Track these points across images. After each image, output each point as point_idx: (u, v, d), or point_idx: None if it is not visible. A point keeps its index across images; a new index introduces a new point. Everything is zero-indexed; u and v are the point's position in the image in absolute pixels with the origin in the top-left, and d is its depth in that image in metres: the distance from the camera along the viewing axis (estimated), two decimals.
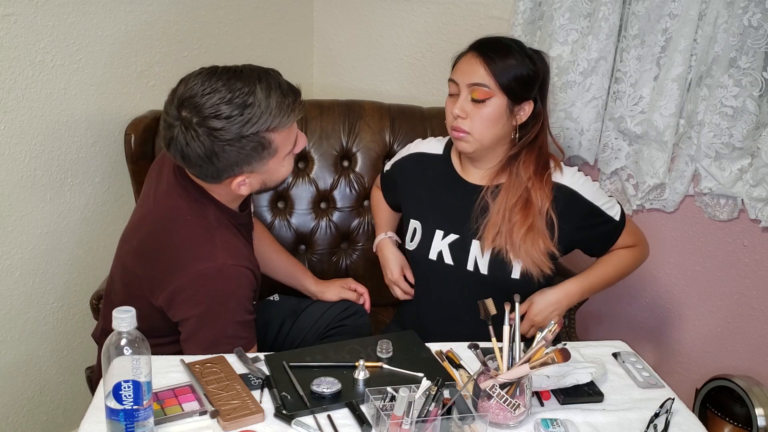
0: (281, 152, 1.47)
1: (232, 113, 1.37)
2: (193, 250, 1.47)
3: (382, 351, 1.48)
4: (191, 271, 1.45)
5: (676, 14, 1.91)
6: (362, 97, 2.31)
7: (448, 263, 1.72)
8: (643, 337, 2.28)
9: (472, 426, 1.26)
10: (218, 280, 1.45)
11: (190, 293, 1.46)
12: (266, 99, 1.39)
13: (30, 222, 1.90)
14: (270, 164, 1.48)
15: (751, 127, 1.86)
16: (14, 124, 1.81)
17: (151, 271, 1.50)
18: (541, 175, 1.66)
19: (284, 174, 1.53)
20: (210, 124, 1.38)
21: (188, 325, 1.51)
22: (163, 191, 1.56)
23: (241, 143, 1.40)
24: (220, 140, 1.38)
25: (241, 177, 1.47)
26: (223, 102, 1.37)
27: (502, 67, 1.61)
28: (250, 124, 1.39)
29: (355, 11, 2.60)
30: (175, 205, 1.52)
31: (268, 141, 1.43)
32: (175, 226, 1.50)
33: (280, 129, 1.43)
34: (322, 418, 1.31)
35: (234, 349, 1.47)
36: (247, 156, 1.42)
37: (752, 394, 1.89)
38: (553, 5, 2.07)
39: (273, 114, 1.40)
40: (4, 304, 1.89)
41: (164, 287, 1.47)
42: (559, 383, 1.39)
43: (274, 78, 1.44)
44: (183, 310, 1.49)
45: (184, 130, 1.39)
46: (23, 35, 1.78)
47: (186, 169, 1.50)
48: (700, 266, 2.12)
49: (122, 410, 1.14)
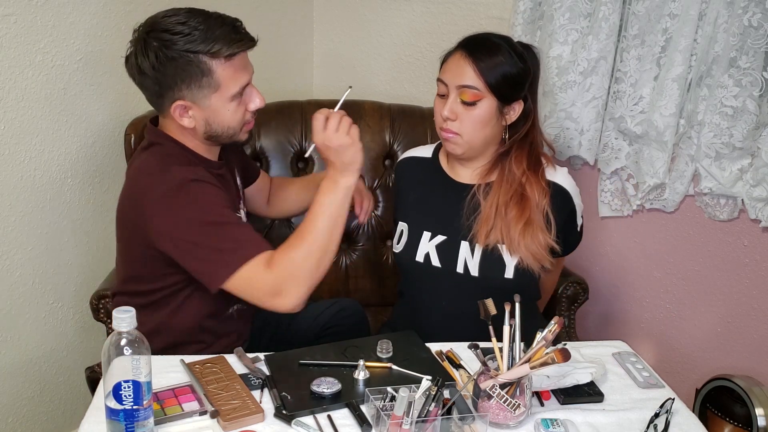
0: (224, 90, 1.51)
1: (182, 30, 1.47)
2: (160, 178, 1.50)
3: (382, 351, 1.48)
4: (160, 192, 1.48)
5: (676, 14, 1.91)
6: (362, 97, 2.31)
7: (435, 265, 1.69)
8: (643, 337, 2.28)
9: (472, 426, 1.26)
10: (190, 191, 1.47)
11: (170, 217, 1.47)
12: (217, 28, 1.48)
13: (30, 222, 1.91)
14: (212, 100, 1.51)
15: (751, 127, 1.86)
16: (15, 125, 1.81)
17: (132, 222, 1.54)
18: (534, 171, 1.65)
19: (229, 120, 1.56)
20: (159, 36, 1.47)
21: (192, 259, 1.48)
22: (131, 163, 1.66)
23: (182, 60, 1.47)
24: (163, 53, 1.46)
25: (181, 102, 1.51)
26: (178, 23, 1.48)
27: (491, 68, 1.57)
28: (193, 43, 1.46)
29: (355, 11, 2.60)
30: (140, 160, 1.59)
31: (208, 68, 1.48)
32: (140, 174, 1.55)
33: (221, 56, 1.47)
34: (322, 418, 1.31)
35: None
36: (186, 75, 1.48)
37: (752, 394, 1.89)
38: (553, 5, 2.07)
39: (216, 39, 1.47)
40: (4, 304, 1.89)
41: (149, 224, 1.49)
42: (559, 383, 1.39)
43: (233, 20, 1.52)
44: (175, 238, 1.47)
45: (138, 44, 1.50)
46: (23, 35, 1.78)
47: (141, 91, 1.56)
48: (700, 266, 2.12)
49: (122, 410, 1.14)
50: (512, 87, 1.60)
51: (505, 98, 1.60)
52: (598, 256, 2.28)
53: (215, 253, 1.44)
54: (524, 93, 1.63)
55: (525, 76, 1.61)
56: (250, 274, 1.42)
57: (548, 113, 2.16)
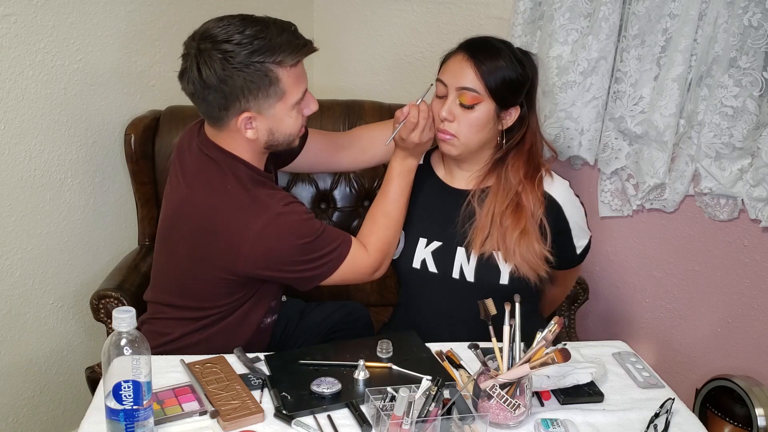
0: (289, 97, 1.50)
1: (243, 40, 1.44)
2: (245, 213, 1.50)
3: (382, 351, 1.48)
4: (254, 231, 1.49)
5: (677, 14, 1.91)
6: (362, 97, 2.31)
7: (432, 271, 1.69)
8: (643, 337, 2.28)
9: (472, 426, 1.26)
10: (280, 224, 1.50)
11: (264, 250, 1.50)
12: (278, 36, 1.46)
13: (30, 222, 1.90)
14: (277, 108, 1.50)
15: (752, 127, 1.86)
16: (14, 124, 1.81)
17: (215, 249, 1.53)
18: (531, 179, 1.63)
19: (291, 128, 1.55)
20: (222, 47, 1.44)
21: (293, 274, 1.55)
22: (192, 171, 1.59)
23: (249, 70, 1.44)
24: (230, 63, 1.43)
25: (247, 114, 1.48)
26: (237, 32, 1.44)
27: (491, 71, 1.57)
28: (259, 52, 1.44)
29: (355, 11, 2.60)
30: (210, 182, 1.55)
31: (276, 76, 1.46)
32: (219, 202, 1.52)
33: (287, 64, 1.47)
34: (322, 418, 1.31)
35: (237, 353, 1.48)
36: (254, 85, 1.45)
37: (752, 394, 1.89)
38: (553, 5, 2.07)
39: (282, 47, 1.45)
40: (4, 304, 1.89)
41: (237, 257, 1.50)
42: (560, 383, 1.39)
43: (288, 25, 1.50)
44: (271, 266, 1.53)
45: (197, 57, 1.45)
46: (23, 35, 1.78)
47: (198, 108, 1.53)
48: (700, 266, 2.12)
49: (122, 410, 1.14)
50: (511, 92, 1.59)
51: (504, 103, 1.60)
52: (598, 256, 2.27)
53: (316, 261, 1.55)
54: (521, 99, 1.62)
55: (524, 81, 1.61)
56: (352, 262, 1.58)
57: (548, 113, 2.16)
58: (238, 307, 1.61)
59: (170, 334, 1.61)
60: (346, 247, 1.58)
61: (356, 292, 2.20)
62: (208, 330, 1.61)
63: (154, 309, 1.68)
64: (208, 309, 1.60)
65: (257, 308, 1.64)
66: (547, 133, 2.17)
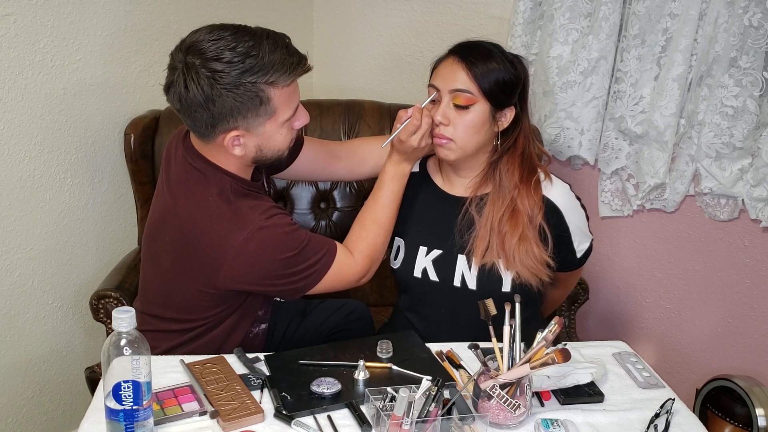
0: (279, 115, 1.45)
1: (233, 59, 1.37)
2: (227, 226, 1.46)
3: (382, 351, 1.48)
4: (234, 247, 1.45)
5: (677, 14, 1.91)
6: (362, 97, 2.31)
7: (433, 280, 1.68)
8: (644, 337, 2.28)
9: (473, 426, 1.26)
10: (262, 238, 1.46)
11: (245, 266, 1.47)
12: (270, 53, 1.40)
13: (30, 222, 1.90)
14: (267, 126, 1.45)
15: (752, 127, 1.86)
16: (14, 124, 1.81)
17: (195, 262, 1.50)
18: (527, 183, 1.62)
19: (281, 144, 1.51)
20: (211, 65, 1.37)
21: (276, 288, 1.54)
22: (176, 180, 1.55)
23: (239, 90, 1.38)
24: (219, 83, 1.37)
25: (235, 132, 1.44)
26: (227, 48, 1.38)
27: (484, 72, 1.56)
28: (250, 72, 1.38)
29: (355, 11, 2.60)
30: (191, 191, 1.51)
31: (267, 96, 1.41)
32: (201, 214, 1.48)
33: (279, 85, 1.42)
34: (322, 418, 1.30)
35: (234, 352, 1.48)
36: (243, 106, 1.40)
37: (753, 395, 1.89)
38: (553, 5, 2.07)
39: (275, 67, 1.40)
40: (3, 304, 1.89)
41: (217, 272, 1.47)
42: (560, 383, 1.39)
43: (282, 39, 1.44)
44: (253, 281, 1.51)
45: (185, 73, 1.39)
46: (23, 35, 1.78)
47: (184, 121, 1.49)
48: (700, 266, 2.12)
49: (122, 410, 1.14)
50: (505, 92, 1.59)
51: (498, 103, 1.59)
52: (599, 256, 2.27)
53: (300, 273, 1.52)
54: (515, 100, 1.62)
55: (516, 82, 1.60)
56: (337, 270, 1.55)
57: (548, 113, 2.16)
58: (224, 319, 1.58)
59: (157, 348, 1.56)
60: (330, 257, 1.54)
61: (356, 292, 2.20)
62: (194, 342, 1.58)
63: (141, 320, 1.64)
64: (192, 321, 1.57)
65: (244, 320, 1.61)
66: (547, 133, 2.17)
